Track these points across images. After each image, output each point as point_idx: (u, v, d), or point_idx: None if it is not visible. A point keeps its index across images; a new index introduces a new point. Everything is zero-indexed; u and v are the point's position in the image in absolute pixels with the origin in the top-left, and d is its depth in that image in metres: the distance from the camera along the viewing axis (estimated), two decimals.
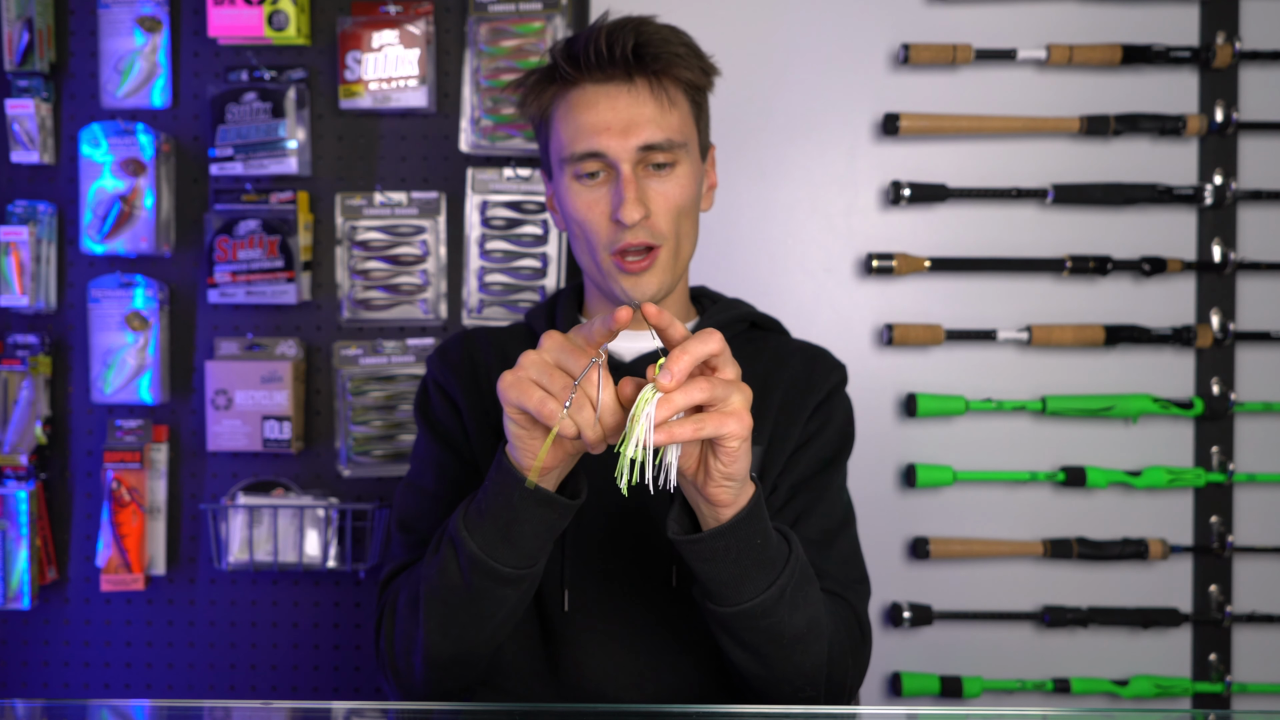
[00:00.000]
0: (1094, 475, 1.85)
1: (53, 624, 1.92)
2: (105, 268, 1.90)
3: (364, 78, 1.84)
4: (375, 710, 1.20)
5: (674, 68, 1.23)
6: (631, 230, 1.21)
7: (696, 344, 0.95)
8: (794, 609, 1.07)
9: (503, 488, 1.04)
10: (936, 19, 1.88)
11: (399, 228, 1.87)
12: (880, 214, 1.90)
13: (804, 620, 1.08)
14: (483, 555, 1.05)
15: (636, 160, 1.22)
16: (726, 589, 1.04)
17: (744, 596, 1.04)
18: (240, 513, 1.84)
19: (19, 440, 1.87)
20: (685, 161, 1.25)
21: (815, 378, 1.31)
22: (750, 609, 1.04)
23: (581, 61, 1.22)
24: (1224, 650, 1.88)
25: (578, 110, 1.23)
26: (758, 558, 1.03)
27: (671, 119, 1.23)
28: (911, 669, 1.89)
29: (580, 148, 1.22)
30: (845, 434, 1.33)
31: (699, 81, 1.27)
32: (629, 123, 1.21)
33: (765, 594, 1.04)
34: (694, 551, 1.02)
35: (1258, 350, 1.90)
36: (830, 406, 1.31)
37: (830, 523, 1.27)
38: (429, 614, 1.11)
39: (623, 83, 1.22)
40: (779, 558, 1.05)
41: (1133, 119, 1.84)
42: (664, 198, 1.23)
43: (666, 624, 1.23)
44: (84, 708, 1.23)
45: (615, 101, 1.22)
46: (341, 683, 1.90)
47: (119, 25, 1.86)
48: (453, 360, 1.34)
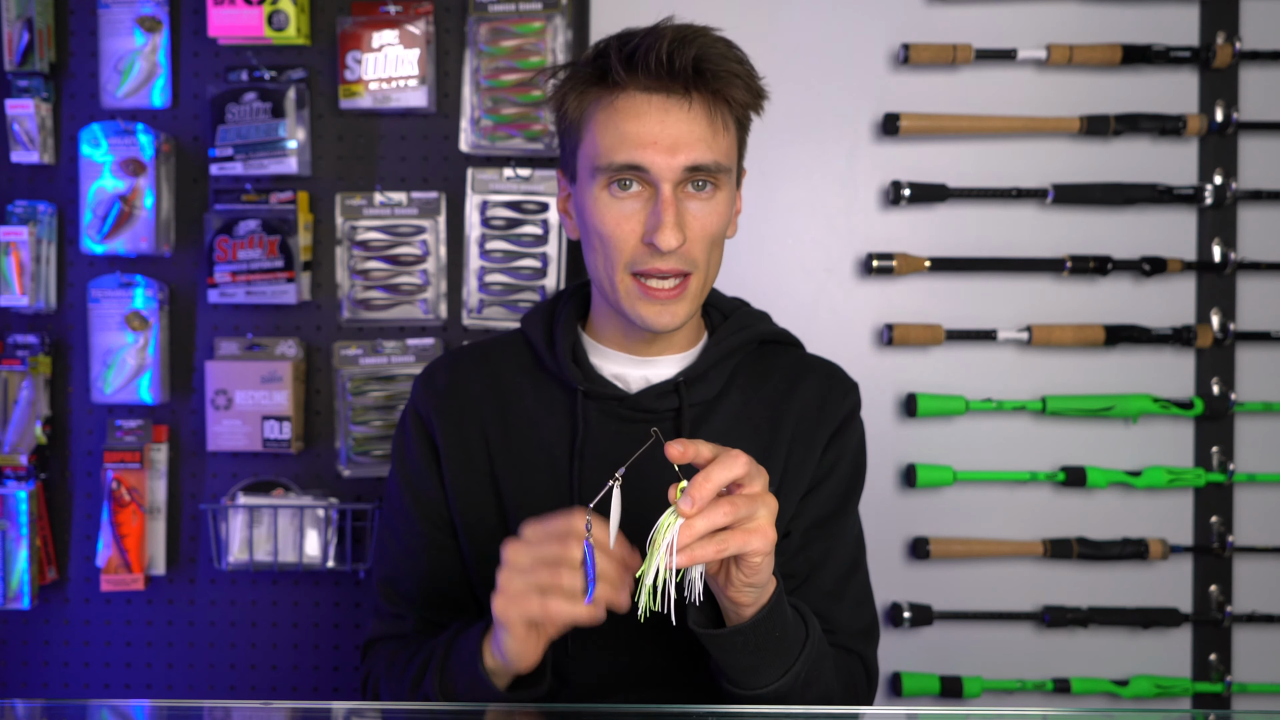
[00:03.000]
0: (1094, 475, 1.85)
1: (53, 624, 1.92)
2: (105, 268, 1.90)
3: (364, 78, 1.84)
4: (375, 710, 1.20)
5: (731, 88, 1.15)
6: (664, 256, 1.13)
7: (721, 470, 0.93)
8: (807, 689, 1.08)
9: (474, 682, 1.08)
10: (936, 19, 1.88)
11: (399, 228, 1.87)
12: (880, 214, 1.90)
13: (816, 695, 1.10)
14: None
15: (679, 180, 1.13)
16: (744, 675, 1.05)
17: (760, 683, 1.05)
18: (240, 513, 1.84)
19: (19, 440, 1.87)
20: (725, 187, 1.17)
21: (829, 406, 1.26)
22: (765, 695, 1.05)
23: (640, 67, 1.12)
24: (1224, 650, 1.88)
25: (623, 118, 1.13)
26: (775, 649, 1.04)
27: (722, 142, 1.15)
28: (911, 669, 1.89)
29: (621, 158, 1.13)
30: (858, 466, 1.30)
31: (752, 105, 1.20)
32: (678, 140, 1.12)
33: (781, 681, 1.05)
34: (713, 643, 1.03)
35: (1258, 350, 1.90)
36: (844, 440, 1.27)
37: (843, 569, 1.26)
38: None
39: (678, 96, 1.13)
40: (796, 644, 1.06)
41: (1133, 119, 1.84)
42: (700, 223, 1.15)
43: (666, 630, 1.22)
44: (84, 708, 1.23)
45: (666, 115, 1.13)
46: (341, 683, 1.90)
47: (119, 25, 1.86)
48: (438, 387, 1.29)
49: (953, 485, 1.87)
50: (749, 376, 1.28)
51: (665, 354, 1.26)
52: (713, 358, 1.25)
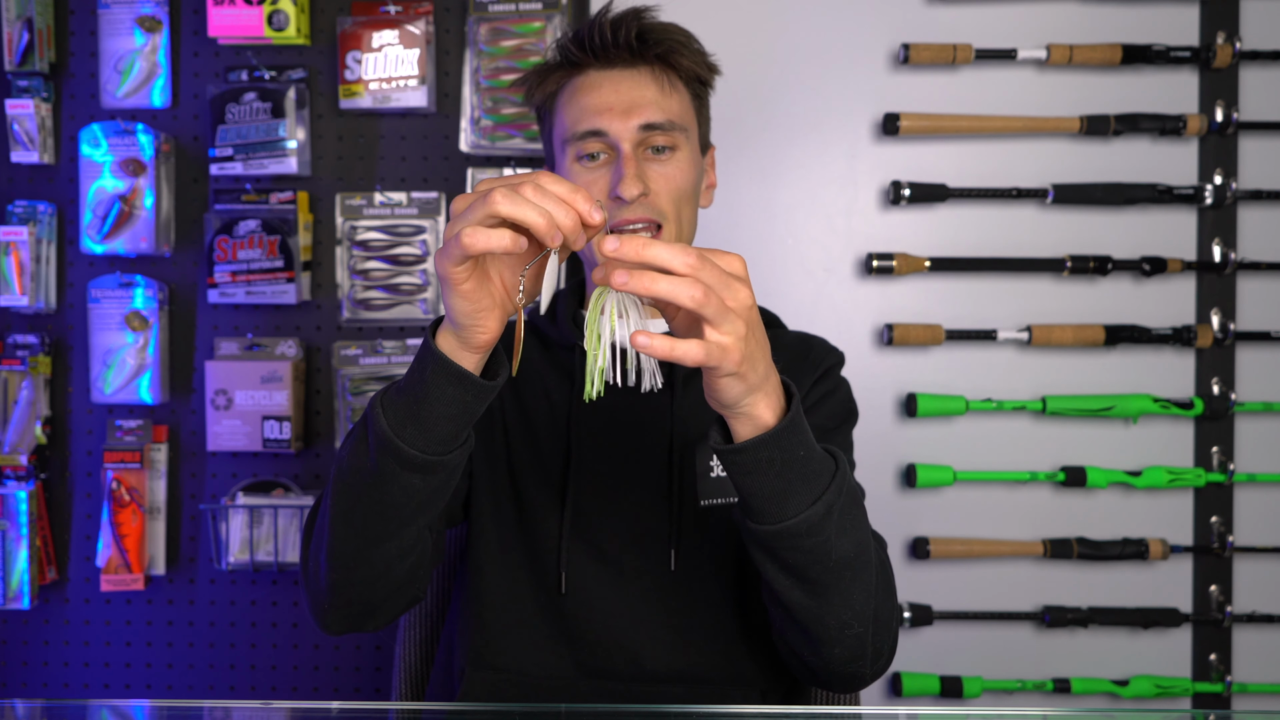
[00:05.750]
0: (1094, 475, 1.84)
1: (53, 624, 1.92)
2: (105, 268, 1.90)
3: (364, 78, 1.84)
4: (375, 710, 1.20)
5: (675, 54, 1.27)
6: (630, 207, 1.23)
7: (663, 249, 0.86)
8: (841, 531, 0.99)
9: (420, 361, 0.97)
10: (936, 19, 1.88)
11: (399, 228, 1.87)
12: (880, 214, 1.90)
13: (852, 544, 1.00)
14: (391, 434, 0.97)
15: (637, 141, 1.24)
16: (769, 504, 0.96)
17: (788, 512, 0.96)
18: (240, 513, 1.84)
19: (19, 440, 1.87)
20: (685, 147, 1.27)
21: (812, 357, 1.31)
22: (794, 526, 0.96)
23: (587, 46, 1.26)
24: (1224, 650, 1.88)
25: (581, 93, 1.26)
26: (801, 470, 0.96)
27: (672, 102, 1.27)
28: (911, 669, 1.89)
29: (582, 127, 1.24)
30: (848, 408, 1.31)
31: (699, 73, 1.31)
32: (631, 103, 1.24)
33: (810, 509, 0.96)
34: (736, 463, 0.96)
35: (1258, 350, 1.89)
36: (829, 382, 1.31)
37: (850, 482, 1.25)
38: (336, 499, 1.04)
39: (625, 67, 1.27)
40: (824, 472, 0.98)
41: (1133, 119, 1.84)
42: (664, 179, 1.25)
43: (666, 607, 1.22)
44: (84, 708, 1.23)
45: (618, 84, 1.26)
46: (341, 683, 1.90)
47: (119, 25, 1.86)
48: None
49: (953, 485, 1.86)
50: None
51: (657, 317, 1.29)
52: None
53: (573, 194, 0.88)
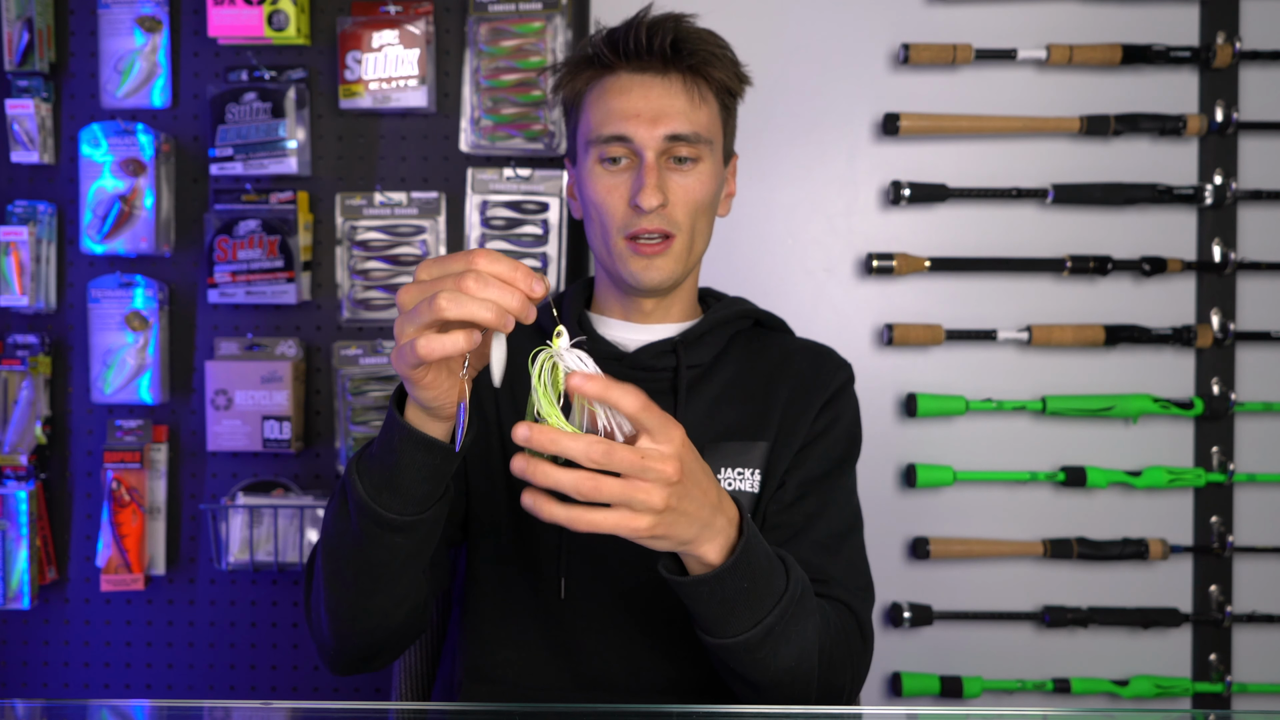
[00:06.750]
0: (1094, 475, 1.85)
1: (53, 624, 1.92)
2: (105, 268, 1.90)
3: (364, 78, 1.84)
4: (375, 710, 1.20)
5: (708, 66, 1.26)
6: (648, 216, 1.22)
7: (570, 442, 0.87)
8: (782, 643, 1.05)
9: (388, 430, 1.00)
10: (936, 19, 1.88)
11: (399, 228, 1.87)
12: (880, 214, 1.90)
13: (793, 654, 1.06)
14: (369, 501, 1.01)
15: (661, 150, 1.23)
16: (712, 624, 1.03)
17: (729, 632, 1.03)
18: (240, 513, 1.84)
19: (19, 440, 1.87)
20: (708, 160, 1.26)
21: (822, 375, 1.30)
22: (734, 645, 1.03)
23: (620, 49, 1.25)
24: (1224, 650, 1.88)
25: (610, 95, 1.25)
26: (745, 599, 1.02)
27: (700, 114, 1.25)
28: (911, 669, 1.89)
29: (608, 130, 1.23)
30: (853, 435, 1.32)
31: (731, 85, 1.29)
32: (659, 112, 1.23)
33: (751, 632, 1.02)
34: (680, 590, 1.02)
35: (1258, 350, 1.90)
36: (838, 406, 1.30)
37: (838, 526, 1.26)
38: (326, 560, 1.09)
39: (657, 74, 1.25)
40: (770, 596, 1.03)
41: (1133, 119, 1.84)
42: (683, 190, 1.24)
43: (665, 614, 1.22)
44: (84, 708, 1.23)
45: (648, 90, 1.24)
46: (341, 683, 1.90)
47: (119, 25, 1.86)
48: None
49: (953, 485, 1.87)
50: (744, 350, 1.33)
51: (663, 323, 1.33)
52: (708, 324, 1.31)
53: (513, 273, 0.89)
